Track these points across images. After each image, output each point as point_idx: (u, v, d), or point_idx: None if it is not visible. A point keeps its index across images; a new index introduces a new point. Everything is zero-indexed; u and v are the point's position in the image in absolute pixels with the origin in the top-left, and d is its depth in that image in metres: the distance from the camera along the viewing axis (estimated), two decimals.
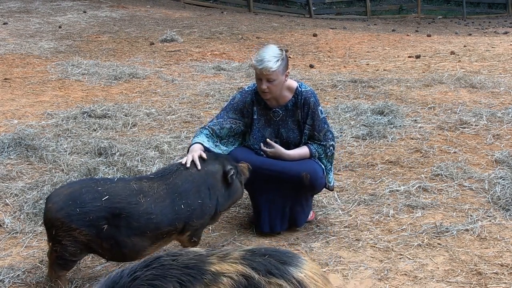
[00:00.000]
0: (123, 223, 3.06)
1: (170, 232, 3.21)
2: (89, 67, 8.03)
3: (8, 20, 11.69)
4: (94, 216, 3.01)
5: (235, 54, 9.49)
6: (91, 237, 3.03)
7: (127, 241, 3.08)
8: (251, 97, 3.76)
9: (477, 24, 17.08)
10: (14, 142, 5.05)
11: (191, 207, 3.25)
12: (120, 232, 3.06)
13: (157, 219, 3.12)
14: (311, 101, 3.71)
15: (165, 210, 3.16)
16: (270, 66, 3.54)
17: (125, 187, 3.13)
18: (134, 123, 5.82)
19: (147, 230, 3.11)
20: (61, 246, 3.03)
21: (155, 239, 3.17)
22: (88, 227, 3.01)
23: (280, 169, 3.66)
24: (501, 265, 3.42)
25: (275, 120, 3.75)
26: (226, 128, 3.73)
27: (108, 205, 3.04)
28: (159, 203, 3.15)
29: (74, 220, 2.99)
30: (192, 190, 3.28)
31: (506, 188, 4.30)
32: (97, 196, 3.04)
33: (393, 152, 5.11)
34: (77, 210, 3.00)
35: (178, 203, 3.21)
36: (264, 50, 3.63)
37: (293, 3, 19.11)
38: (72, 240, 3.02)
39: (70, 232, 3.00)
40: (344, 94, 6.92)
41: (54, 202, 3.03)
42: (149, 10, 14.15)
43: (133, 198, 3.10)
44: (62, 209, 3.00)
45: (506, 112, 6.02)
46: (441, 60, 8.88)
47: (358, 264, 3.45)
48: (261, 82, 3.59)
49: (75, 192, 3.05)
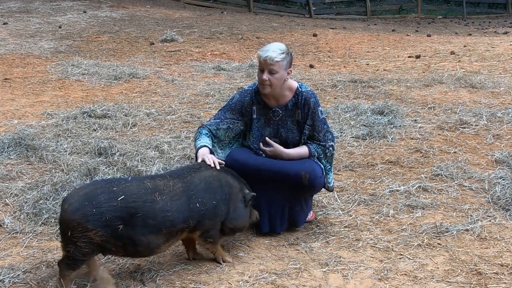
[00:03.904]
0: (139, 222, 3.08)
1: (183, 229, 3.23)
2: (89, 67, 8.03)
3: (8, 20, 11.69)
4: (110, 216, 3.02)
5: (235, 54, 9.49)
6: (105, 237, 3.04)
7: (142, 239, 3.10)
8: (250, 97, 3.77)
9: (477, 24, 17.08)
10: (14, 142, 5.05)
11: (205, 207, 3.27)
12: (135, 231, 3.08)
13: (173, 217, 3.15)
14: (311, 102, 3.71)
15: (181, 208, 3.19)
16: (275, 56, 3.56)
17: (140, 186, 3.15)
18: (134, 123, 5.82)
19: (163, 227, 3.13)
20: (75, 247, 3.03)
21: (169, 236, 3.19)
22: (103, 227, 3.02)
23: (280, 169, 3.66)
24: (501, 265, 3.42)
25: (274, 119, 3.75)
26: (223, 129, 3.73)
27: (124, 204, 3.05)
28: (175, 201, 3.18)
29: (90, 220, 3.00)
30: (209, 190, 3.31)
31: (506, 188, 4.30)
32: (113, 196, 3.06)
33: (393, 152, 5.11)
34: (93, 211, 3.00)
35: (194, 201, 3.24)
36: (270, 44, 3.70)
37: (293, 3, 19.11)
38: (87, 241, 3.02)
39: (86, 233, 3.01)
40: (344, 94, 6.92)
41: (70, 203, 3.03)
42: (149, 10, 14.15)
43: (149, 196, 3.12)
44: (78, 210, 3.00)
45: (506, 112, 6.02)
46: (441, 60, 8.88)
47: (358, 264, 3.45)
48: (263, 73, 3.61)
49: (91, 193, 3.06)
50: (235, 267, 3.44)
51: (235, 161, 3.66)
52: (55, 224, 3.84)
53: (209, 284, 3.26)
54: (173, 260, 3.51)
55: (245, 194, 3.51)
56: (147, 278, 3.30)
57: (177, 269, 3.40)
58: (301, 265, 3.44)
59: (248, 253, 3.61)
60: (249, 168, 3.65)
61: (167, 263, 3.46)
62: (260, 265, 3.46)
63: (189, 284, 3.25)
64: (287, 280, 3.29)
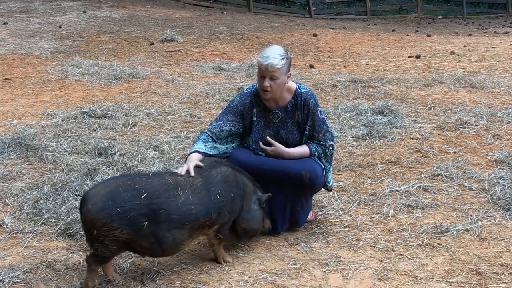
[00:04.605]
0: (164, 218, 3.10)
1: (205, 223, 3.26)
2: (89, 67, 8.04)
3: (8, 20, 11.69)
4: (135, 214, 3.05)
5: (235, 54, 9.49)
6: (130, 235, 3.07)
7: (167, 235, 3.13)
8: (250, 99, 3.76)
9: (477, 24, 17.08)
10: (14, 142, 5.05)
11: (225, 198, 3.32)
12: (160, 227, 3.10)
13: (195, 209, 3.19)
14: (311, 102, 3.71)
15: (202, 200, 3.23)
16: (276, 63, 3.55)
17: (162, 181, 3.18)
18: (134, 123, 5.82)
19: (187, 221, 3.17)
20: (102, 245, 3.06)
21: (192, 231, 3.23)
22: (129, 225, 3.05)
23: (280, 168, 3.67)
24: (501, 265, 3.42)
25: (274, 121, 3.75)
26: (226, 130, 3.73)
27: (148, 201, 3.08)
28: (196, 194, 3.22)
29: (115, 219, 3.02)
30: (227, 183, 3.36)
31: (506, 188, 4.30)
32: (136, 193, 3.08)
33: (393, 152, 5.11)
34: (118, 210, 3.02)
35: (214, 193, 3.28)
36: (269, 48, 3.66)
37: (293, 3, 19.11)
38: (112, 239, 3.05)
39: (111, 231, 3.03)
40: (344, 94, 6.92)
41: (94, 203, 3.03)
42: (149, 10, 14.15)
43: (171, 192, 3.16)
44: (103, 210, 3.01)
45: (506, 112, 6.02)
46: (441, 60, 8.88)
47: (358, 264, 3.45)
48: (264, 80, 3.60)
49: (114, 191, 3.07)
50: (235, 267, 3.44)
51: (237, 160, 3.66)
52: (55, 224, 3.84)
53: (209, 284, 3.26)
54: (173, 260, 3.51)
55: (259, 197, 3.56)
56: (147, 278, 3.30)
57: (177, 269, 3.40)
58: (301, 265, 3.44)
59: (248, 253, 3.61)
60: (250, 167, 3.65)
61: (167, 263, 3.46)
62: (260, 265, 3.46)
63: (189, 284, 3.25)
64: (287, 280, 3.29)
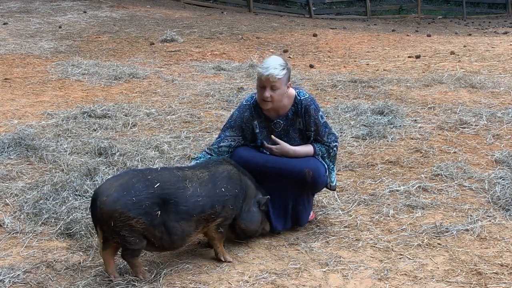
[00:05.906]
0: (172, 208, 3.21)
1: (210, 216, 3.35)
2: (89, 67, 8.03)
3: (8, 20, 11.68)
4: (149, 203, 3.14)
5: (235, 54, 9.49)
6: (145, 225, 3.14)
7: (176, 226, 3.23)
8: (250, 112, 3.78)
9: (477, 24, 17.08)
10: (14, 142, 5.05)
11: (229, 193, 3.43)
12: (169, 218, 3.21)
13: (202, 201, 3.31)
14: (312, 109, 3.74)
15: (209, 193, 3.35)
16: (277, 74, 3.59)
17: (171, 174, 3.31)
18: (134, 123, 5.82)
19: (194, 213, 3.28)
20: (120, 237, 3.13)
21: (198, 223, 3.32)
22: (144, 215, 3.13)
23: (284, 165, 3.71)
24: (501, 265, 3.42)
25: (277, 131, 3.78)
26: (225, 146, 3.77)
27: (160, 191, 3.19)
28: (203, 187, 3.35)
29: (131, 209, 3.10)
30: (232, 180, 3.47)
31: (506, 188, 4.30)
32: (149, 184, 3.19)
33: (393, 152, 5.12)
34: (133, 199, 3.11)
35: (219, 187, 3.40)
36: (269, 59, 3.70)
37: (293, 3, 19.10)
38: (129, 230, 3.12)
39: (128, 221, 3.10)
40: (344, 94, 6.92)
41: (108, 195, 3.11)
42: (149, 10, 14.15)
43: (181, 183, 3.28)
44: (118, 200, 3.09)
45: (506, 112, 6.02)
46: (441, 60, 8.88)
47: (358, 264, 3.46)
48: (264, 90, 3.63)
49: (126, 182, 3.16)
50: (235, 267, 3.44)
51: (240, 158, 3.70)
52: (55, 224, 3.84)
53: (209, 284, 3.26)
54: (173, 260, 3.51)
55: (259, 199, 3.64)
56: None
57: (177, 269, 3.40)
58: (301, 265, 3.44)
59: (248, 253, 3.61)
60: (254, 164, 3.70)
61: (167, 263, 3.46)
62: (260, 265, 3.46)
63: (189, 284, 3.25)
64: (287, 280, 3.30)
